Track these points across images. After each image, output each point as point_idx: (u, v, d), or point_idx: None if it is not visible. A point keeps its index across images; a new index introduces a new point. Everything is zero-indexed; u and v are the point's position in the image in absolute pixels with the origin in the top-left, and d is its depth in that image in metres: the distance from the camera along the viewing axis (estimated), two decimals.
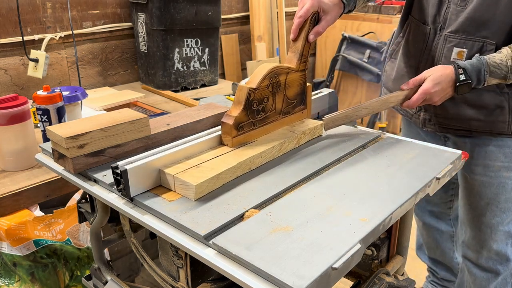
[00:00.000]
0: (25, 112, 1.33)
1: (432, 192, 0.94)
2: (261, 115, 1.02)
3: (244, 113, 0.98)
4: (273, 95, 1.03)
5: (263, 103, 1.01)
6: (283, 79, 1.04)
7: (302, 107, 1.13)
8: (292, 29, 1.06)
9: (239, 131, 0.98)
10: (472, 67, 1.11)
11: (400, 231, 1.09)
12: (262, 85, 0.99)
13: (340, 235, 0.72)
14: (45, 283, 1.34)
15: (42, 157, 1.06)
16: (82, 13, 2.12)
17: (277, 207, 0.82)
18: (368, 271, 1.07)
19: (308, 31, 1.05)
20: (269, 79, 1.00)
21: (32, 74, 1.91)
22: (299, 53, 1.06)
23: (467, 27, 1.17)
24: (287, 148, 1.04)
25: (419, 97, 1.12)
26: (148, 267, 0.95)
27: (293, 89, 1.08)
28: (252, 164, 0.95)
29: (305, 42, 1.06)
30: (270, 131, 1.06)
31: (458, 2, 1.18)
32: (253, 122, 1.01)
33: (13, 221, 1.23)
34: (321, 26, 1.06)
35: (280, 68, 1.02)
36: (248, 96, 0.97)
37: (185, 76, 2.24)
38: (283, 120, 1.09)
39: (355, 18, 3.27)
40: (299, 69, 1.08)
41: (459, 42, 1.19)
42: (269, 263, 0.65)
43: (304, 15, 1.04)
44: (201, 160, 0.92)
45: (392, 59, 1.46)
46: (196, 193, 0.83)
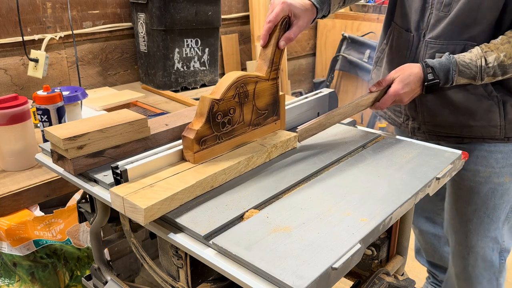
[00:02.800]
0: (25, 112, 1.33)
1: (432, 192, 0.94)
2: (227, 127, 0.95)
3: (207, 126, 0.90)
4: (241, 106, 0.96)
5: (229, 115, 0.94)
6: (252, 89, 0.97)
7: (275, 117, 1.06)
8: (261, 34, 1.00)
9: (202, 146, 0.91)
10: (441, 65, 1.09)
11: (400, 231, 1.09)
12: (227, 96, 0.92)
13: (340, 235, 0.72)
14: (45, 283, 1.34)
15: (42, 157, 1.06)
16: (82, 13, 2.12)
17: (277, 207, 0.82)
18: (368, 271, 1.06)
19: (278, 37, 0.99)
20: (235, 89, 0.93)
21: (32, 74, 1.91)
22: (269, 60, 1.00)
23: (449, 32, 1.15)
24: (256, 163, 0.97)
25: (388, 99, 1.10)
26: (148, 267, 0.95)
27: (263, 99, 1.01)
28: (214, 182, 0.88)
29: (276, 49, 1.00)
30: (239, 145, 0.99)
31: (441, 7, 1.16)
32: (218, 136, 0.94)
33: (13, 221, 1.23)
34: (292, 32, 1.00)
35: (247, 77, 0.95)
36: (211, 107, 0.90)
37: (185, 76, 2.24)
38: (253, 132, 1.02)
39: (355, 18, 3.27)
40: (270, 78, 1.01)
41: (441, 47, 1.17)
42: (269, 263, 0.65)
43: (273, 20, 0.98)
44: (158, 178, 0.84)
45: (377, 67, 1.43)
46: (146, 217, 0.75)
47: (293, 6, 0.99)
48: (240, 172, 0.93)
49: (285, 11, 0.98)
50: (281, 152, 1.03)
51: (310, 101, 1.23)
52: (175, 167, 0.90)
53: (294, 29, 1.00)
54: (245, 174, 0.94)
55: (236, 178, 0.92)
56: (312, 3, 1.04)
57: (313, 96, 1.25)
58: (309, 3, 1.03)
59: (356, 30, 3.26)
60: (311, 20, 1.05)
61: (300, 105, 1.20)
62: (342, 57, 3.25)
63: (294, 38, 1.01)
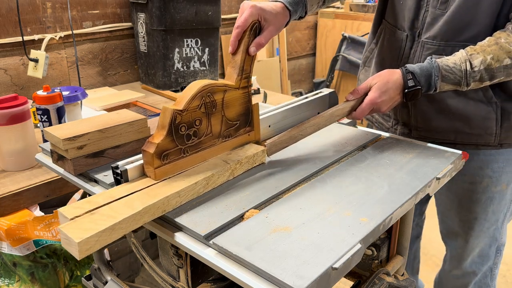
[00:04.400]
0: (25, 112, 1.33)
1: (433, 192, 0.94)
2: (193, 140, 0.88)
3: (170, 139, 0.84)
4: (208, 117, 0.90)
5: (195, 127, 0.87)
6: (220, 98, 0.91)
7: (248, 129, 1.00)
8: (230, 41, 0.94)
9: (164, 161, 0.84)
10: (422, 71, 1.02)
11: (400, 231, 1.09)
12: (191, 106, 0.85)
13: (340, 235, 0.72)
14: (45, 283, 1.34)
15: (42, 157, 1.06)
16: (82, 13, 2.12)
17: (277, 207, 0.82)
18: (368, 271, 1.06)
19: (248, 43, 0.94)
20: (200, 98, 0.87)
21: (32, 74, 1.91)
22: (239, 68, 0.94)
23: (446, 32, 1.09)
24: (217, 182, 0.89)
25: (365, 108, 1.04)
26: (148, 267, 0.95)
27: (233, 109, 0.95)
28: (167, 206, 0.79)
29: (246, 55, 0.95)
30: (208, 158, 0.93)
31: (438, 5, 1.10)
32: (183, 149, 0.87)
33: (13, 221, 1.23)
34: (263, 37, 0.95)
35: (214, 85, 0.89)
36: (173, 119, 0.83)
37: (185, 76, 2.24)
38: (224, 144, 0.95)
39: (355, 18, 3.27)
40: (240, 86, 0.95)
41: (438, 48, 1.11)
42: (269, 263, 0.65)
43: (242, 25, 0.92)
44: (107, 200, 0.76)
45: (366, 67, 1.38)
46: (81, 251, 0.66)
47: (263, 10, 0.94)
48: (198, 193, 0.85)
49: (254, 15, 0.93)
50: (247, 168, 0.96)
51: (310, 101, 1.23)
52: (134, 183, 0.83)
53: (265, 34, 0.95)
54: (244, 174, 0.94)
55: (236, 178, 0.92)
56: (284, 5, 0.99)
57: (313, 96, 1.25)
58: (281, 6, 0.99)
59: (356, 30, 3.26)
60: (284, 24, 1.00)
61: (300, 105, 1.20)
62: (342, 57, 3.25)
63: (265, 43, 0.96)
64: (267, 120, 1.11)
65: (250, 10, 0.92)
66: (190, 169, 0.89)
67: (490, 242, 1.33)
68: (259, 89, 2.25)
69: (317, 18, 3.50)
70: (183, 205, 0.82)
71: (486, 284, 1.41)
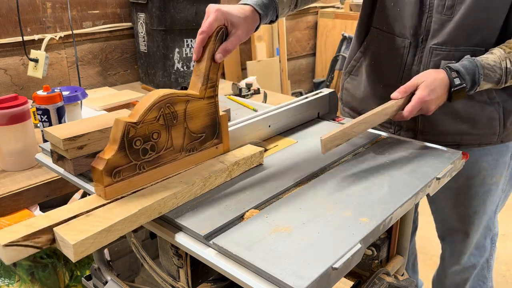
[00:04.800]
0: (25, 112, 1.33)
1: (433, 192, 0.94)
2: (150, 155, 0.81)
3: (122, 154, 0.77)
4: (167, 130, 0.83)
5: (152, 140, 0.81)
6: (182, 109, 0.85)
7: (216, 141, 0.93)
8: (194, 48, 0.88)
9: (116, 178, 0.77)
10: (466, 69, 1.01)
11: (400, 231, 1.09)
12: (147, 118, 0.79)
13: (340, 235, 0.72)
14: (45, 283, 1.34)
15: (42, 157, 1.06)
16: (82, 13, 2.12)
17: (277, 207, 0.82)
18: (368, 271, 1.06)
19: (213, 50, 0.88)
20: (158, 110, 0.80)
21: (32, 74, 1.91)
22: (203, 76, 0.87)
23: (456, 37, 1.07)
24: (214, 183, 0.87)
25: (414, 106, 1.00)
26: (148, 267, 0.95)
27: (198, 121, 0.88)
28: (163, 207, 0.78)
29: (211, 63, 0.88)
30: (170, 174, 0.86)
31: (444, 10, 1.08)
32: (138, 165, 0.80)
33: (13, 221, 1.23)
34: (230, 43, 0.89)
35: (175, 95, 0.82)
36: (125, 132, 0.76)
37: (185, 76, 2.24)
38: (188, 159, 0.89)
39: (355, 18, 3.27)
40: (206, 96, 0.89)
41: (448, 54, 1.09)
42: (269, 263, 0.65)
43: (207, 31, 0.86)
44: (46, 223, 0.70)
45: (352, 76, 1.34)
46: (76, 254, 0.66)
47: (229, 14, 0.88)
48: (195, 194, 0.84)
49: (219, 20, 0.87)
50: (244, 169, 0.93)
51: (310, 101, 1.23)
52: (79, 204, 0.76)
53: (231, 39, 0.89)
54: (244, 175, 0.94)
55: (236, 179, 0.92)
56: (253, 9, 0.94)
57: (313, 96, 1.25)
58: (250, 9, 0.93)
59: None
60: (254, 28, 0.95)
61: (300, 105, 1.20)
62: (342, 57, 3.25)
63: (232, 49, 0.89)
64: (267, 120, 1.11)
65: (215, 14, 0.86)
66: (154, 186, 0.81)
67: (485, 233, 1.35)
68: (259, 89, 2.25)
69: (317, 18, 3.50)
70: (183, 206, 0.82)
71: (483, 277, 1.44)
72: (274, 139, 1.13)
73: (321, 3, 3.52)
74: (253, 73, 2.97)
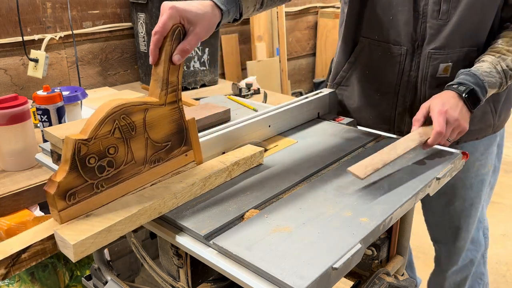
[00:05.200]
0: (25, 112, 1.33)
1: (433, 192, 0.94)
2: (108, 171, 0.75)
3: (75, 175, 0.70)
4: (126, 142, 0.76)
5: (109, 156, 0.74)
6: (140, 119, 0.78)
7: (184, 148, 0.86)
8: (150, 50, 0.81)
9: (71, 201, 0.71)
10: (465, 78, 1.02)
11: (400, 231, 1.09)
12: (100, 133, 0.72)
13: (340, 235, 0.72)
14: (45, 283, 1.34)
15: (42, 157, 1.06)
16: (82, 13, 2.12)
17: (277, 207, 0.82)
18: (368, 271, 1.06)
19: (171, 51, 0.80)
20: (112, 122, 0.73)
21: (32, 74, 1.91)
22: (161, 80, 0.80)
23: (452, 40, 1.10)
24: (214, 183, 0.85)
25: (439, 119, 0.97)
26: (148, 267, 0.95)
27: (161, 129, 0.82)
28: (163, 207, 0.76)
29: (169, 65, 0.81)
30: (133, 189, 0.79)
31: (439, 16, 1.09)
32: (95, 184, 0.73)
33: (13, 221, 1.23)
34: (188, 42, 0.81)
35: (130, 105, 0.75)
36: (76, 151, 0.69)
37: (185, 76, 2.24)
38: (154, 171, 0.82)
39: None
40: (167, 102, 0.82)
41: (446, 57, 1.12)
42: (269, 263, 0.65)
43: (161, 31, 0.79)
44: None
45: (342, 87, 1.32)
46: (76, 254, 0.66)
47: (185, 11, 0.81)
48: (195, 194, 0.82)
49: (174, 18, 0.80)
50: (244, 169, 0.90)
51: (310, 101, 1.23)
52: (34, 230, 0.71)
53: (189, 38, 0.82)
54: (244, 175, 0.94)
55: (236, 179, 0.92)
56: (213, 4, 0.87)
57: (313, 96, 1.25)
58: (210, 4, 0.86)
59: None
60: (215, 25, 0.88)
61: (300, 105, 1.20)
62: None
63: (191, 49, 0.82)
64: (267, 120, 1.11)
65: (169, 12, 0.79)
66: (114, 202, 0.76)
67: (478, 225, 1.37)
68: (259, 89, 2.25)
69: (317, 18, 3.50)
70: (183, 206, 0.82)
71: (481, 273, 1.45)
72: (274, 139, 1.13)
73: (321, 3, 3.52)
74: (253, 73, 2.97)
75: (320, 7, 3.51)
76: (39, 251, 0.70)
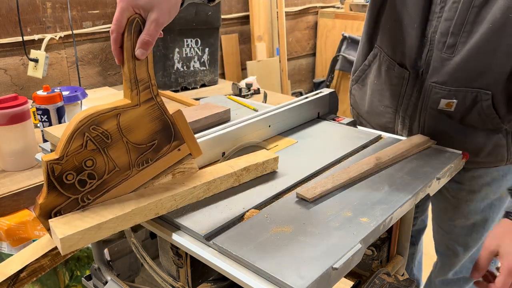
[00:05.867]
0: (25, 112, 1.33)
1: (433, 192, 0.94)
2: (91, 184, 0.74)
3: (55, 194, 0.71)
4: (103, 152, 0.74)
5: (87, 169, 0.73)
6: (113, 125, 0.75)
7: (175, 143, 0.83)
8: (112, 50, 0.75)
9: None
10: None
11: (400, 231, 1.09)
12: (71, 149, 0.71)
13: (340, 235, 0.72)
14: (45, 283, 1.34)
15: None
16: (82, 13, 2.12)
17: (277, 207, 0.82)
18: (369, 271, 1.06)
19: (131, 46, 0.73)
20: (82, 136, 0.72)
21: (32, 74, 1.91)
22: (130, 80, 0.75)
23: (457, 78, 1.01)
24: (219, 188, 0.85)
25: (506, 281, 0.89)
26: (148, 267, 0.95)
27: (141, 130, 0.78)
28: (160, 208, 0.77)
29: (134, 62, 0.75)
30: (125, 193, 0.78)
31: (444, 48, 1.01)
32: (80, 198, 0.73)
33: (13, 221, 1.23)
34: (146, 32, 0.72)
35: (96, 115, 0.73)
36: (50, 171, 0.70)
37: (185, 76, 2.24)
38: (144, 172, 0.80)
39: (355, 18, 3.27)
40: (141, 101, 0.77)
41: (448, 93, 1.03)
42: (269, 263, 0.65)
43: (115, 28, 0.72)
44: None
45: (358, 85, 1.31)
46: (64, 248, 0.67)
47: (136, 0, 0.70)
48: (198, 198, 0.82)
49: (126, 10, 0.71)
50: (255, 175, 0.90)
51: (310, 101, 1.23)
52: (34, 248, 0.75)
53: (147, 27, 0.73)
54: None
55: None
56: None
57: (313, 96, 1.25)
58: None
59: (356, 30, 3.26)
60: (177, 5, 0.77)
61: (300, 105, 1.20)
62: (342, 57, 3.25)
63: (153, 39, 0.73)
64: (267, 120, 1.11)
65: (120, 5, 0.71)
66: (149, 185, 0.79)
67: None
68: (259, 89, 2.25)
69: (317, 18, 3.50)
70: (183, 206, 0.82)
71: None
72: (274, 139, 1.13)
73: (321, 3, 3.52)
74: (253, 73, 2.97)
75: (320, 7, 3.51)
76: (36, 268, 0.73)
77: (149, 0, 0.72)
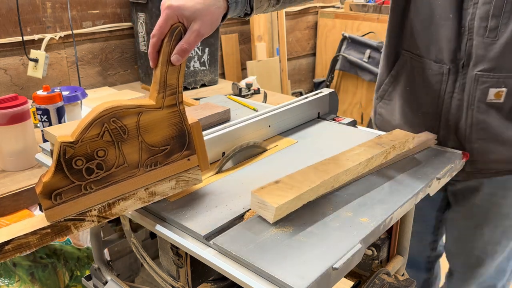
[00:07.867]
0: (25, 112, 1.33)
1: (433, 192, 0.94)
2: (97, 174, 0.74)
3: (60, 176, 0.71)
4: (117, 146, 0.75)
5: (97, 158, 0.74)
6: (132, 122, 0.76)
7: (186, 153, 0.83)
8: (148, 53, 0.78)
9: (56, 200, 0.72)
10: None
11: (400, 231, 1.09)
12: (87, 136, 0.72)
13: (340, 235, 0.72)
14: (45, 283, 1.34)
15: (42, 157, 1.05)
16: (82, 13, 2.12)
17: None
18: (369, 271, 1.06)
19: (169, 52, 0.77)
20: (100, 126, 0.73)
21: (32, 74, 1.91)
22: (159, 83, 0.77)
23: (505, 62, 0.97)
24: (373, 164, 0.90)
25: None
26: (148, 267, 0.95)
27: (158, 133, 0.79)
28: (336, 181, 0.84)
29: (167, 67, 0.78)
30: (128, 191, 0.78)
31: (486, 33, 0.96)
32: (83, 185, 0.74)
33: (13, 221, 1.23)
34: (186, 40, 0.76)
35: (121, 108, 0.74)
36: (61, 153, 0.70)
37: (185, 76, 2.24)
38: (150, 174, 0.80)
39: (355, 18, 3.27)
40: (165, 105, 0.79)
41: (497, 81, 0.98)
42: (269, 263, 0.65)
43: (158, 34, 0.75)
44: None
45: (384, 101, 1.24)
46: (275, 216, 0.74)
47: (182, 9, 0.75)
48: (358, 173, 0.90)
49: (171, 18, 0.75)
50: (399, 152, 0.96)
51: (310, 101, 1.23)
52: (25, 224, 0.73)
53: (187, 36, 0.76)
54: (244, 174, 0.94)
55: (236, 178, 0.92)
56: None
57: (313, 96, 1.25)
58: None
59: (356, 30, 3.26)
60: (218, 19, 0.80)
61: (300, 105, 1.20)
62: (342, 57, 3.25)
63: (190, 48, 0.77)
64: (267, 120, 1.11)
65: (166, 12, 0.75)
66: None
67: (509, 256, 1.23)
68: (259, 89, 2.25)
69: (317, 18, 3.50)
70: (184, 206, 0.82)
71: None
72: (274, 139, 1.13)
73: (321, 3, 3.52)
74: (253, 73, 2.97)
75: (320, 7, 3.51)
76: (22, 244, 0.71)
77: (194, 11, 0.75)
